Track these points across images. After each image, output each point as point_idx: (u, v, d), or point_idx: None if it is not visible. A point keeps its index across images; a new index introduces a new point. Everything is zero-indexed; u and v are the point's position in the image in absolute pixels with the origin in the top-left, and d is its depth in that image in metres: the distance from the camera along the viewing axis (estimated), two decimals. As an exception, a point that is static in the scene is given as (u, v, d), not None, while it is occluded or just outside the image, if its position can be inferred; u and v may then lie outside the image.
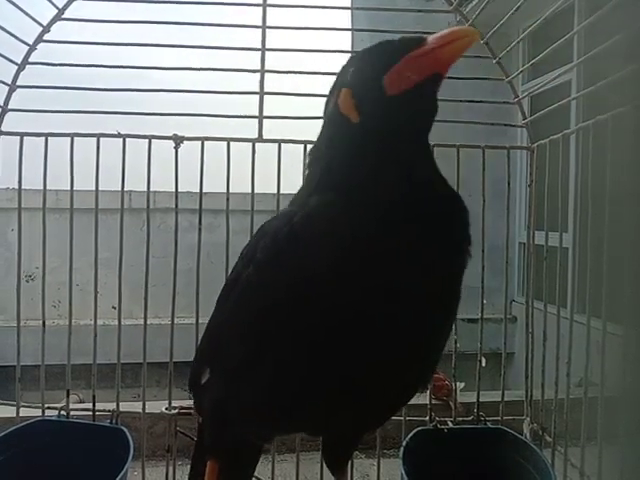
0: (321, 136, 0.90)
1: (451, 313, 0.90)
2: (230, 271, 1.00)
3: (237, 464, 1.04)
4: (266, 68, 1.51)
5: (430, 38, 0.79)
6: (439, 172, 0.86)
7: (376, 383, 0.84)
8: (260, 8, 1.50)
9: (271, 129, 1.51)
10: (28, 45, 1.46)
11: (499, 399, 1.54)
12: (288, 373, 0.83)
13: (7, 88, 1.48)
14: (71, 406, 1.49)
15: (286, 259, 0.82)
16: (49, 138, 1.48)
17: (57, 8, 1.45)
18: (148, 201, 1.51)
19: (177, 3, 1.53)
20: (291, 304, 0.81)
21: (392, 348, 0.82)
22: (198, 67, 1.51)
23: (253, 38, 1.50)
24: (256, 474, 1.19)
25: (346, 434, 0.99)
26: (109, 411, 1.47)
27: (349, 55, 0.93)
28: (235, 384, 0.90)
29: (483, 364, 1.55)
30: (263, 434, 0.97)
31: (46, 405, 1.49)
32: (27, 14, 1.39)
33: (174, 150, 1.48)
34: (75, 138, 1.48)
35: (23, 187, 1.51)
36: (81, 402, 2.77)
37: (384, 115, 0.81)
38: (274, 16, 1.50)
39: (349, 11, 3.01)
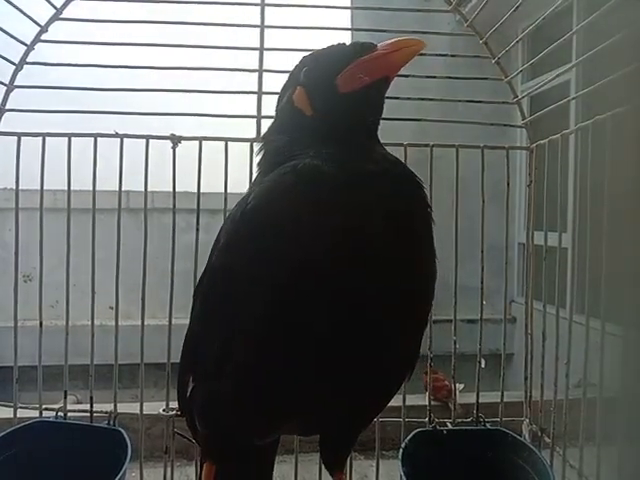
0: (271, 127, 0.98)
1: (427, 279, 0.89)
2: None
3: (233, 465, 1.03)
4: (264, 68, 1.50)
5: (380, 45, 0.87)
6: (395, 157, 0.92)
7: (351, 363, 0.82)
8: (258, 7, 1.50)
9: (269, 129, 1.50)
10: (26, 45, 1.46)
11: (498, 400, 1.54)
12: (263, 357, 0.83)
13: (5, 88, 1.47)
14: (69, 407, 1.49)
15: (245, 237, 0.83)
16: (46, 138, 1.47)
17: (55, 8, 1.44)
18: (146, 201, 1.50)
19: (175, 3, 1.53)
20: (256, 283, 0.80)
21: (360, 320, 0.80)
22: (196, 67, 1.51)
23: (251, 38, 1.49)
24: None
25: (340, 429, 0.97)
26: (107, 412, 1.46)
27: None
28: (214, 382, 0.89)
29: (482, 365, 1.54)
30: (252, 429, 0.94)
31: (44, 406, 1.49)
32: (25, 14, 1.39)
33: (172, 150, 1.47)
34: (72, 138, 1.47)
35: (20, 187, 1.50)
36: (79, 403, 2.76)
37: (336, 110, 0.88)
38: (272, 15, 1.50)
39: (348, 11, 3.01)
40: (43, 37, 1.46)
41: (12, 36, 1.40)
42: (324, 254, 0.78)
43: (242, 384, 0.86)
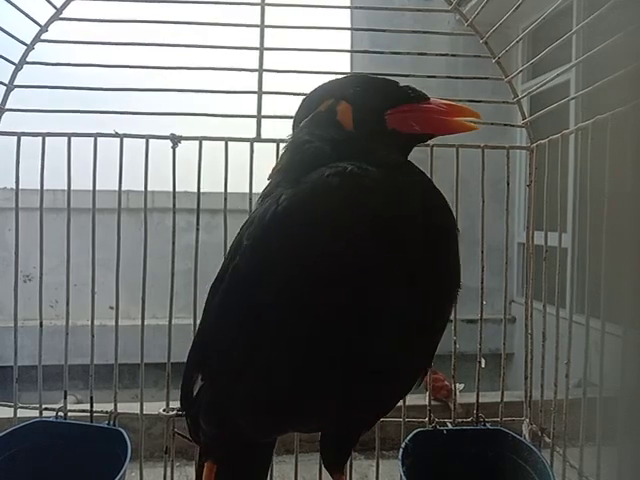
0: (305, 129, 0.94)
1: (454, 295, 0.90)
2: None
3: (235, 464, 1.03)
4: (264, 67, 1.50)
5: (436, 100, 0.93)
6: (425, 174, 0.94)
7: (379, 371, 0.83)
8: (258, 7, 1.50)
9: (269, 129, 1.50)
10: (26, 45, 1.45)
11: (498, 400, 1.54)
12: (286, 366, 0.81)
13: (4, 88, 1.47)
14: (69, 407, 1.48)
15: (275, 241, 0.80)
16: (46, 138, 1.47)
17: (55, 8, 1.44)
18: (146, 201, 1.50)
19: (174, 2, 1.53)
20: (284, 290, 0.79)
21: (393, 330, 0.80)
22: (196, 66, 1.51)
23: (251, 37, 1.49)
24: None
25: (345, 431, 0.98)
26: (107, 412, 1.46)
27: (348, 54, 0.96)
28: (231, 382, 0.88)
29: (482, 365, 1.54)
30: (266, 429, 0.94)
31: (44, 406, 1.48)
32: (25, 14, 1.39)
33: (172, 150, 1.47)
34: (72, 138, 1.47)
35: (20, 187, 1.50)
36: (79, 403, 2.76)
37: (379, 139, 0.91)
38: (272, 15, 1.50)
39: (348, 10, 3.01)
40: (43, 37, 1.46)
41: (12, 36, 1.40)
42: (366, 261, 0.77)
43: (264, 387, 0.84)
